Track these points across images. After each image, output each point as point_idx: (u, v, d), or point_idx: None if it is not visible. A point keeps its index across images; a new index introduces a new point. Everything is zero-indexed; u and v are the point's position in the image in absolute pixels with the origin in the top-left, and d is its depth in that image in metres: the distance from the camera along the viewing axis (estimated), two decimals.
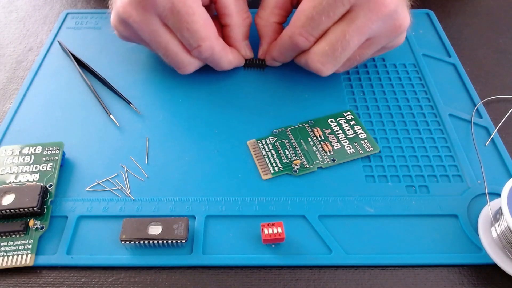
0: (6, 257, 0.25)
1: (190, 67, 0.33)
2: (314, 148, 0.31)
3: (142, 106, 0.34)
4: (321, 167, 0.29)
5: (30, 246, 0.25)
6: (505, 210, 0.23)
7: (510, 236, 0.24)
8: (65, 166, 0.30)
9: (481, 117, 0.33)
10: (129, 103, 0.34)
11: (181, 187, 0.28)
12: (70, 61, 0.37)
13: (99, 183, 0.29)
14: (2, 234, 0.25)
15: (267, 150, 0.30)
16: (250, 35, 0.35)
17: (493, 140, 0.31)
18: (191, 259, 0.25)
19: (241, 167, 0.30)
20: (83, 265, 0.25)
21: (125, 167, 0.30)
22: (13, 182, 0.28)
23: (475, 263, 0.25)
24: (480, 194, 0.28)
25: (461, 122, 0.33)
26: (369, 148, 0.31)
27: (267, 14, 0.34)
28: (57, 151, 0.29)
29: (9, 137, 0.31)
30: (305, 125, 0.32)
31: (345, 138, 0.31)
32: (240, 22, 0.34)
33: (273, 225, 0.25)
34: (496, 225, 0.25)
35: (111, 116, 0.33)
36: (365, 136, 0.31)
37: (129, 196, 0.28)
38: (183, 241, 0.25)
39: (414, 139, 0.32)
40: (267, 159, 0.30)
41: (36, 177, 0.28)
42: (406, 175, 0.29)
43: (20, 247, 0.25)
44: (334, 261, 0.25)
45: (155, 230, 0.25)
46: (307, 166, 0.29)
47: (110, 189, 0.28)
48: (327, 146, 0.31)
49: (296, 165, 0.29)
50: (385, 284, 0.25)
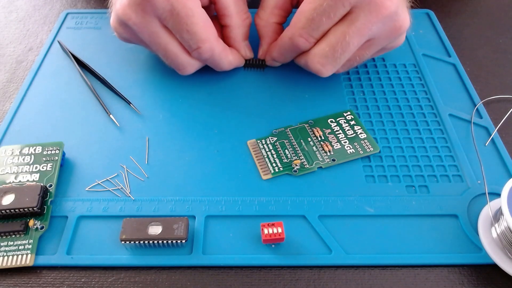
0: (6, 257, 0.25)
1: (190, 68, 0.33)
2: (314, 148, 0.31)
3: (142, 106, 0.34)
4: (321, 167, 0.29)
5: (30, 246, 0.25)
6: (505, 210, 0.23)
7: (510, 236, 0.24)
8: (65, 166, 0.30)
9: (481, 117, 0.33)
10: (129, 103, 0.34)
11: (181, 187, 0.28)
12: (70, 61, 0.37)
13: (99, 183, 0.29)
14: (2, 234, 0.25)
15: (267, 150, 0.30)
16: (250, 35, 0.35)
17: (493, 140, 0.31)
18: (191, 259, 0.25)
19: (241, 167, 0.30)
20: (83, 265, 0.25)
21: (125, 167, 0.30)
22: (13, 182, 0.28)
23: (475, 263, 0.25)
24: (480, 194, 0.28)
25: (461, 122, 0.33)
26: (369, 148, 0.31)
27: (267, 15, 0.34)
28: (57, 151, 0.29)
29: (9, 137, 0.31)
30: (305, 125, 0.32)
31: (345, 138, 0.31)
32: (240, 22, 0.34)
33: (273, 225, 0.25)
34: (496, 225, 0.25)
35: (111, 116, 0.33)
36: (365, 136, 0.31)
37: (129, 196, 0.28)
38: (183, 241, 0.25)
39: (414, 139, 0.32)
40: (267, 159, 0.30)
41: (36, 177, 0.28)
42: (406, 175, 0.29)
43: (20, 247, 0.25)
44: (334, 261, 0.25)
45: (155, 230, 0.25)
46: (307, 166, 0.29)
47: (110, 189, 0.28)
48: (327, 146, 0.31)
49: (296, 165, 0.29)
50: (385, 284, 0.25)
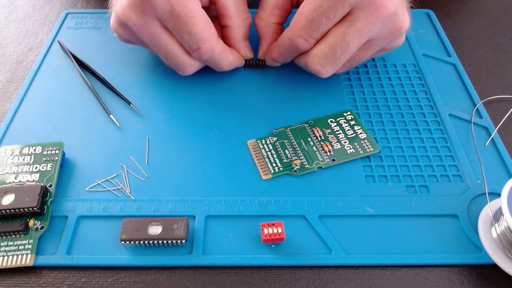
0: (6, 257, 0.25)
1: (191, 69, 0.33)
2: (314, 148, 0.31)
3: (142, 106, 0.34)
4: (321, 167, 0.29)
5: (30, 246, 0.25)
6: (505, 210, 0.23)
7: (510, 236, 0.24)
8: (65, 166, 0.30)
9: (481, 117, 0.33)
10: (129, 103, 0.34)
11: (181, 187, 0.28)
12: (70, 61, 0.37)
13: (99, 183, 0.29)
14: (2, 234, 0.25)
15: (267, 150, 0.30)
16: (250, 36, 0.35)
17: (493, 140, 0.31)
18: (191, 259, 0.25)
19: (241, 167, 0.30)
20: (83, 265, 0.25)
21: (125, 167, 0.30)
22: (13, 182, 0.28)
23: (475, 263, 0.25)
24: (480, 194, 0.28)
25: (461, 122, 0.33)
26: (369, 148, 0.31)
27: (266, 15, 0.34)
28: (57, 151, 0.29)
29: (9, 137, 0.31)
30: (305, 125, 0.32)
31: (345, 138, 0.31)
32: (240, 23, 0.34)
33: (273, 225, 0.25)
34: (496, 225, 0.25)
35: (111, 116, 0.33)
36: (365, 136, 0.31)
37: (129, 196, 0.28)
38: (183, 241, 0.25)
39: (414, 139, 0.32)
40: (267, 159, 0.30)
41: (36, 177, 0.28)
42: (406, 175, 0.29)
43: (20, 247, 0.25)
44: (334, 261, 0.25)
45: (155, 230, 0.25)
46: (307, 166, 0.29)
47: (110, 189, 0.28)
48: (327, 146, 0.31)
49: (296, 165, 0.29)
50: (385, 284, 0.25)
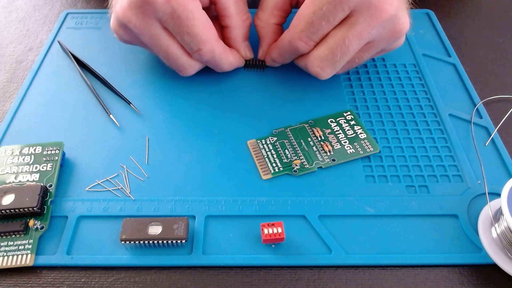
0: (6, 257, 0.25)
1: (191, 70, 0.33)
2: (314, 148, 0.31)
3: (142, 106, 0.34)
4: (321, 167, 0.29)
5: (30, 246, 0.25)
6: (505, 210, 0.23)
7: (510, 236, 0.24)
8: (65, 166, 0.30)
9: (481, 117, 0.33)
10: (129, 103, 0.34)
11: (181, 187, 0.28)
12: (70, 61, 0.37)
13: (99, 183, 0.29)
14: (2, 234, 0.25)
15: (267, 150, 0.30)
16: (250, 36, 0.35)
17: (493, 140, 0.31)
18: (191, 259, 0.25)
19: (241, 167, 0.30)
20: (83, 265, 0.25)
21: (125, 167, 0.30)
22: (13, 182, 0.28)
23: (475, 263, 0.25)
24: (480, 194, 0.28)
25: (461, 122, 0.33)
26: (369, 148, 0.31)
27: (266, 16, 0.34)
28: (57, 151, 0.29)
29: (9, 137, 0.31)
30: (305, 125, 0.32)
31: (345, 138, 0.31)
32: (240, 23, 0.34)
33: (273, 225, 0.25)
34: (496, 225, 0.25)
35: (111, 116, 0.33)
36: (365, 136, 0.31)
37: (129, 196, 0.28)
38: (183, 241, 0.25)
39: (414, 139, 0.32)
40: (267, 159, 0.30)
41: (36, 177, 0.28)
42: (406, 175, 0.29)
43: (20, 247, 0.25)
44: (334, 261, 0.25)
45: (155, 230, 0.25)
46: (307, 166, 0.29)
47: (110, 189, 0.28)
48: (327, 146, 0.31)
49: (296, 165, 0.29)
50: (385, 284, 0.25)
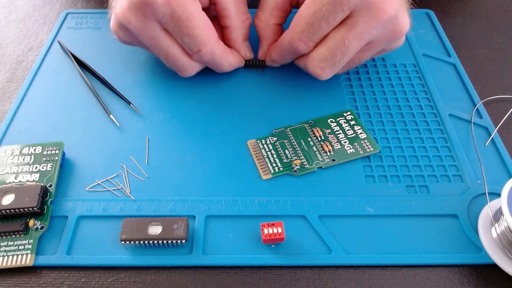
0: (6, 257, 0.25)
1: (191, 71, 0.33)
2: (314, 148, 0.31)
3: (142, 106, 0.34)
4: (321, 167, 0.29)
5: (30, 246, 0.25)
6: (505, 210, 0.23)
7: (510, 236, 0.24)
8: (65, 166, 0.30)
9: (481, 117, 0.33)
10: (129, 103, 0.34)
11: (181, 187, 0.28)
12: (70, 61, 0.37)
13: (99, 183, 0.29)
14: (2, 234, 0.25)
15: (267, 150, 0.30)
16: (250, 36, 0.35)
17: (493, 140, 0.31)
18: (191, 259, 0.25)
19: (241, 167, 0.30)
20: (83, 265, 0.25)
21: (125, 167, 0.30)
22: (13, 182, 0.28)
23: (475, 263, 0.25)
24: (480, 194, 0.28)
25: (461, 122, 0.33)
26: (369, 148, 0.31)
27: (266, 16, 0.34)
28: (57, 151, 0.29)
29: (9, 137, 0.31)
30: (305, 125, 0.32)
31: (345, 138, 0.31)
32: (240, 24, 0.34)
33: (273, 225, 0.25)
34: (496, 225, 0.25)
35: (111, 116, 0.33)
36: (365, 136, 0.31)
37: (129, 196, 0.28)
38: (183, 241, 0.25)
39: (414, 139, 0.32)
40: (267, 159, 0.30)
41: (36, 177, 0.28)
42: (406, 175, 0.29)
43: (20, 247, 0.25)
44: (334, 261, 0.25)
45: (155, 230, 0.25)
46: (307, 166, 0.29)
47: (110, 189, 0.28)
48: (327, 146, 0.31)
49: (296, 165, 0.29)
50: (385, 284, 0.25)
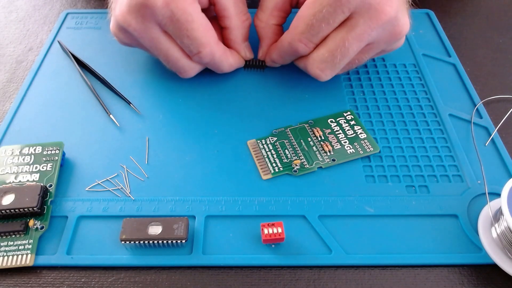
0: (6, 257, 0.25)
1: (191, 72, 0.33)
2: (314, 148, 0.31)
3: (142, 106, 0.34)
4: (321, 167, 0.29)
5: (30, 246, 0.25)
6: (505, 210, 0.23)
7: (510, 236, 0.24)
8: (65, 166, 0.30)
9: (481, 117, 0.33)
10: (129, 103, 0.34)
11: (181, 187, 0.28)
12: (70, 61, 0.37)
13: (99, 183, 0.29)
14: (2, 234, 0.25)
15: (267, 150, 0.30)
16: (250, 36, 0.35)
17: (493, 140, 0.31)
18: (191, 259, 0.25)
19: (241, 167, 0.30)
20: (83, 265, 0.25)
21: (125, 167, 0.30)
22: (13, 182, 0.28)
23: (475, 263, 0.25)
24: (480, 194, 0.28)
25: (461, 122, 0.33)
26: (369, 148, 0.31)
27: (266, 16, 0.34)
28: (57, 151, 0.29)
29: (9, 137, 0.31)
30: (305, 125, 0.32)
31: (345, 138, 0.31)
32: (240, 24, 0.34)
33: (273, 225, 0.25)
34: (496, 225, 0.25)
35: (111, 116, 0.33)
36: (365, 136, 0.31)
37: (129, 196, 0.28)
38: (183, 241, 0.25)
39: (414, 139, 0.32)
40: (267, 159, 0.30)
41: (36, 177, 0.28)
42: (406, 175, 0.29)
43: (20, 247, 0.25)
44: (334, 261, 0.25)
45: (155, 230, 0.25)
46: (307, 166, 0.29)
47: (110, 189, 0.28)
48: (327, 146, 0.31)
49: (296, 165, 0.29)
50: (385, 284, 0.25)
